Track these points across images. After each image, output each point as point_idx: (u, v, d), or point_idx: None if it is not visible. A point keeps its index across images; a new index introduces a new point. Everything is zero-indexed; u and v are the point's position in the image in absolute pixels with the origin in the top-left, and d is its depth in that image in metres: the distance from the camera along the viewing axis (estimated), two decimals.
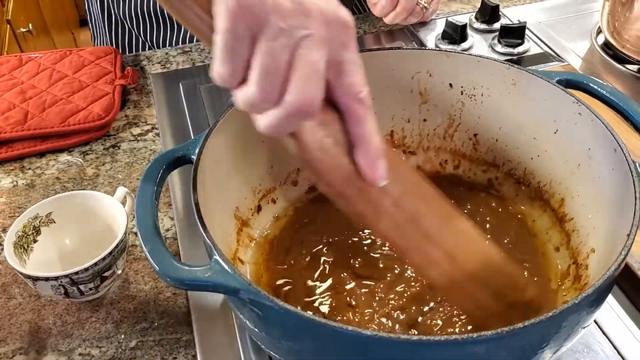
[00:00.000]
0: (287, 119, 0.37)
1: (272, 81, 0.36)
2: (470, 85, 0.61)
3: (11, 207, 0.73)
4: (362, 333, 0.38)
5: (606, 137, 0.51)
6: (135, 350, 0.57)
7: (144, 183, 0.48)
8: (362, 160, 0.41)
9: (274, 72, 0.36)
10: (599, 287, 0.41)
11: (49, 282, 0.56)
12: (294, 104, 0.36)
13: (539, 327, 0.39)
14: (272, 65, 0.36)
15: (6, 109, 0.83)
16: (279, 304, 0.40)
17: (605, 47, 0.91)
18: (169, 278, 0.42)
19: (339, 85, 0.40)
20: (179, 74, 0.91)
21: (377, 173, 0.41)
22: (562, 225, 0.58)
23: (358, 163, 0.41)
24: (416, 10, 0.93)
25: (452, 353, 0.40)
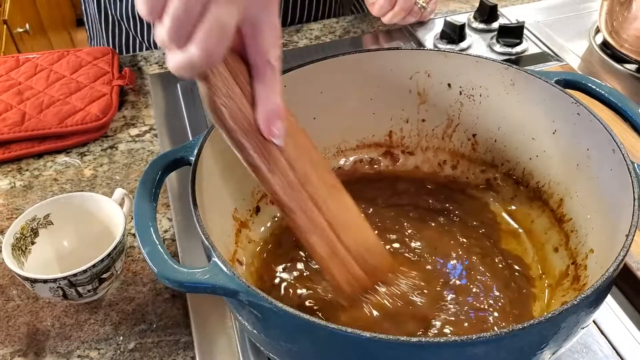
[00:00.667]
0: (188, 65, 0.40)
1: (180, 27, 0.39)
2: (468, 85, 0.61)
3: (9, 209, 0.72)
4: (361, 335, 0.38)
5: (605, 138, 0.51)
6: (134, 352, 0.57)
7: (142, 185, 0.48)
8: (260, 116, 0.45)
9: (183, 19, 0.39)
10: (598, 288, 0.41)
11: (47, 284, 0.56)
12: (194, 53, 0.39)
13: (538, 328, 0.39)
14: (183, 12, 0.39)
15: (3, 110, 0.82)
16: (278, 306, 0.39)
17: (604, 47, 0.91)
18: (168, 280, 0.42)
19: (251, 44, 0.43)
20: None
21: (273, 130, 0.45)
22: (561, 225, 0.58)
23: (257, 118, 0.45)
24: (414, 10, 0.93)
25: (451, 355, 0.40)
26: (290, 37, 0.97)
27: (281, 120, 0.45)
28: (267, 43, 0.43)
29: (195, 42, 0.39)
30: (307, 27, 1.00)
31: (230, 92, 0.44)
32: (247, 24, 0.42)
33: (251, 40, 0.43)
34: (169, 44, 0.40)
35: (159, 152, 0.78)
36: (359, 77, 0.62)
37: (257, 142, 0.45)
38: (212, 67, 0.42)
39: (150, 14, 0.40)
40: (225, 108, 0.44)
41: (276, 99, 0.45)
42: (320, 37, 0.97)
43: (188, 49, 0.39)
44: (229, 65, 0.43)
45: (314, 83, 0.61)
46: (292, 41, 0.97)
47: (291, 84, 0.59)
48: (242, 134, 0.45)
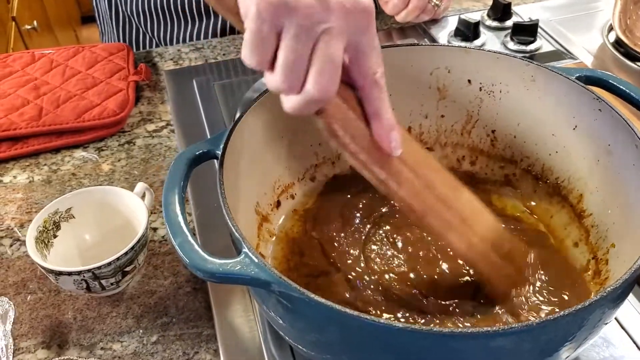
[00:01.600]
0: (306, 104, 0.42)
1: (293, 73, 0.41)
2: (489, 81, 0.62)
3: (28, 203, 0.73)
4: (393, 325, 0.38)
5: (627, 133, 0.52)
6: (156, 344, 0.58)
7: (171, 178, 0.49)
8: (377, 132, 0.46)
9: (295, 66, 0.41)
10: (627, 280, 0.41)
11: (71, 276, 0.56)
12: (311, 92, 0.41)
13: (566, 320, 0.40)
14: (293, 59, 0.41)
15: (20, 105, 0.83)
16: (310, 297, 0.40)
17: (617, 45, 0.91)
18: (200, 271, 0.42)
19: (356, 67, 0.44)
20: (192, 71, 0.91)
21: (392, 143, 0.46)
22: (581, 220, 0.58)
23: (374, 135, 0.46)
24: (428, 8, 0.94)
25: (481, 345, 0.40)
26: None
27: (397, 132, 0.46)
28: (371, 63, 0.44)
29: (311, 83, 0.41)
30: None
31: (345, 117, 0.45)
32: (350, 50, 0.43)
33: (356, 63, 0.44)
34: (286, 90, 0.42)
35: (177, 147, 0.79)
36: None
37: (379, 158, 0.47)
38: (329, 101, 0.43)
39: (260, 65, 0.42)
40: (345, 133, 0.46)
41: (389, 113, 0.46)
42: None
43: (305, 90, 0.41)
44: (338, 92, 0.44)
45: None
46: None
47: None
48: (365, 154, 0.47)
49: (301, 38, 0.40)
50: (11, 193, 0.74)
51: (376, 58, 0.45)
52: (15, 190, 0.74)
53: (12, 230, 0.70)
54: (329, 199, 0.64)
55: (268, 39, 0.40)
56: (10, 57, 0.93)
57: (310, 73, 0.41)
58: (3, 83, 0.87)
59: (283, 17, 0.40)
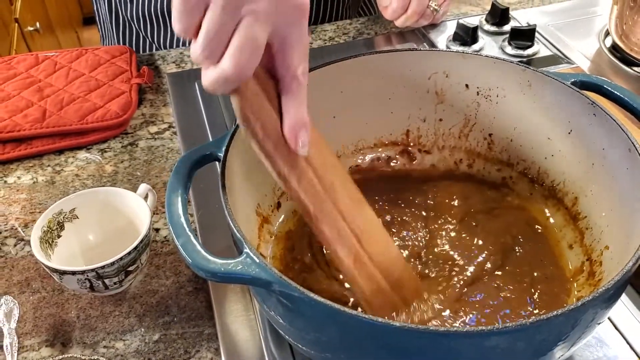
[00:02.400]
0: (222, 80, 0.42)
1: (213, 43, 0.41)
2: (486, 86, 0.63)
3: (32, 204, 0.74)
4: (391, 324, 0.40)
5: (621, 137, 0.53)
6: (158, 343, 0.59)
7: (174, 179, 0.50)
8: (287, 128, 0.46)
9: (216, 36, 0.41)
10: (618, 281, 0.42)
11: (75, 276, 0.57)
12: (226, 68, 0.41)
13: (560, 320, 0.41)
14: (215, 30, 0.41)
15: (24, 106, 0.84)
16: (309, 296, 0.41)
17: (613, 50, 0.92)
18: (202, 271, 0.43)
19: (279, 58, 0.45)
20: (194, 73, 0.92)
21: (299, 141, 0.46)
22: (576, 223, 0.60)
23: (284, 129, 0.46)
24: (427, 13, 0.95)
25: (475, 343, 0.41)
26: None
27: (306, 132, 0.47)
28: (295, 58, 0.45)
29: (228, 58, 0.41)
30: (320, 28, 1.02)
31: (261, 106, 0.46)
32: (276, 39, 0.44)
33: (280, 55, 0.45)
34: (203, 60, 0.42)
35: (179, 149, 0.80)
36: (378, 77, 0.64)
37: (285, 154, 0.47)
38: (244, 81, 0.43)
39: (185, 31, 0.42)
40: (257, 121, 0.46)
41: (302, 111, 0.46)
42: (334, 38, 0.99)
43: (221, 64, 0.41)
44: (258, 80, 0.45)
45: (335, 83, 0.63)
46: None
47: (312, 84, 0.59)
48: (272, 145, 0.47)
49: (226, 11, 0.40)
50: (15, 194, 0.75)
51: (301, 53, 0.45)
52: (19, 191, 0.75)
53: (16, 230, 0.71)
54: None
55: (195, 7, 0.41)
56: (15, 59, 0.94)
57: (229, 48, 0.41)
58: (7, 85, 0.88)
59: None
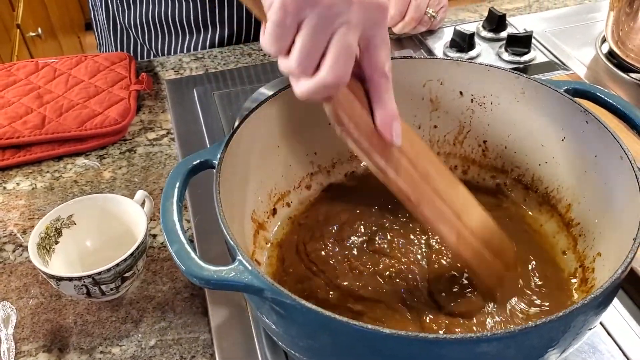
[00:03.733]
0: (317, 90, 0.44)
1: (308, 59, 0.44)
2: (480, 93, 0.63)
3: (30, 210, 0.74)
4: (381, 331, 0.40)
5: (613, 145, 0.53)
6: (154, 348, 0.59)
7: (169, 185, 0.50)
8: (380, 121, 0.49)
9: (311, 52, 0.43)
10: (607, 289, 0.42)
11: (72, 282, 0.58)
12: (324, 79, 0.44)
13: (550, 326, 0.41)
14: (311, 47, 0.43)
15: (24, 113, 0.85)
16: (300, 303, 0.41)
17: (610, 56, 0.93)
18: (195, 278, 0.44)
19: (366, 58, 0.47)
20: (192, 80, 0.93)
21: (393, 132, 0.49)
22: (569, 229, 0.60)
23: (377, 124, 0.49)
24: (424, 20, 0.96)
25: (465, 350, 0.42)
26: None
27: (398, 122, 0.49)
28: (383, 57, 0.47)
29: (326, 68, 0.43)
30: None
31: (351, 106, 0.48)
32: (363, 42, 0.46)
33: (367, 55, 0.47)
34: (298, 74, 0.44)
35: (177, 156, 0.80)
36: None
37: (380, 147, 0.50)
38: (340, 89, 0.46)
39: (278, 53, 0.44)
40: (350, 120, 0.48)
41: (393, 105, 0.49)
42: None
43: (320, 75, 0.44)
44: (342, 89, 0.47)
45: None
46: None
47: None
48: (367, 141, 0.49)
49: (321, 28, 0.43)
50: (14, 200, 0.76)
51: (387, 52, 0.47)
52: (18, 197, 0.76)
53: (15, 236, 0.71)
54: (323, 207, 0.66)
55: (289, 29, 0.43)
56: (15, 66, 0.95)
57: (326, 59, 0.43)
58: (7, 92, 0.89)
59: (306, 10, 0.42)
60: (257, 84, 0.90)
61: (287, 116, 0.62)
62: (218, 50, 0.99)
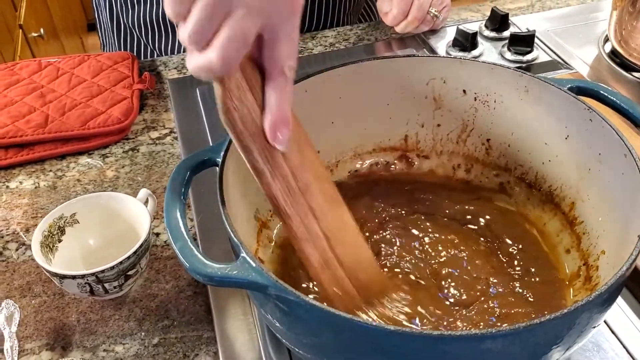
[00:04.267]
0: (203, 69, 0.42)
1: (200, 33, 0.41)
2: (483, 91, 0.63)
3: (33, 208, 0.74)
4: (385, 328, 0.40)
5: (617, 143, 0.53)
6: (157, 347, 0.59)
7: (172, 184, 0.50)
8: (267, 122, 0.46)
9: (205, 23, 0.41)
10: (612, 286, 0.42)
11: (75, 280, 0.58)
12: (210, 59, 0.41)
13: (554, 323, 0.41)
14: (204, 20, 0.41)
15: (27, 112, 0.85)
16: (304, 300, 0.41)
17: (613, 55, 0.93)
18: (199, 275, 0.44)
19: (267, 52, 0.45)
20: (195, 80, 0.92)
21: (278, 137, 0.46)
22: (573, 228, 0.60)
23: (264, 123, 0.46)
24: (427, 19, 0.96)
25: (470, 347, 0.42)
26: (306, 44, 1.00)
27: (287, 128, 0.46)
28: (283, 53, 0.45)
29: (215, 48, 0.41)
30: (321, 34, 1.02)
31: (242, 97, 0.45)
32: (267, 32, 0.44)
33: (268, 49, 0.45)
34: (189, 45, 0.42)
35: (180, 154, 0.80)
36: (376, 83, 0.64)
37: (263, 147, 0.47)
38: (229, 72, 0.43)
39: (175, 15, 0.42)
40: (237, 111, 0.45)
41: (285, 107, 0.46)
42: (335, 44, 1.00)
43: (207, 53, 0.41)
44: (244, 71, 0.45)
45: (334, 88, 0.63)
46: (307, 48, 0.99)
47: (311, 89, 0.61)
48: (249, 137, 0.46)
49: (217, 3, 0.40)
50: (17, 198, 0.76)
51: (290, 49, 0.45)
52: (21, 196, 0.76)
53: (18, 234, 0.71)
54: None
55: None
56: (18, 65, 0.95)
57: (216, 38, 0.41)
58: (10, 91, 0.89)
59: None
60: None
61: None
62: None
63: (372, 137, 0.68)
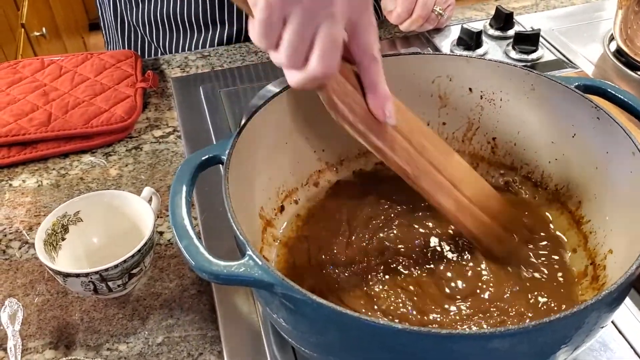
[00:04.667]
0: (308, 82, 0.46)
1: (297, 54, 0.45)
2: (489, 89, 0.63)
3: (36, 207, 0.74)
4: (393, 326, 0.39)
5: (624, 141, 0.53)
6: (161, 346, 0.59)
7: (178, 181, 0.50)
8: (372, 102, 0.51)
9: (298, 47, 0.45)
10: (621, 285, 0.42)
11: (79, 278, 0.58)
12: (313, 71, 0.45)
13: (562, 323, 0.41)
14: (297, 41, 0.44)
15: (30, 110, 0.84)
16: (311, 298, 0.41)
17: (618, 54, 0.92)
18: (205, 273, 0.43)
19: (354, 43, 0.48)
20: (199, 78, 0.92)
21: (386, 113, 0.51)
22: (580, 227, 0.59)
23: (370, 105, 0.51)
24: (431, 17, 0.95)
25: (478, 346, 0.41)
26: None
27: (391, 102, 0.51)
28: (370, 40, 0.48)
29: (314, 61, 0.45)
30: None
31: (344, 90, 0.50)
32: (350, 28, 0.47)
33: (354, 40, 0.48)
34: (288, 67, 0.46)
35: (183, 153, 0.80)
36: None
37: (376, 128, 0.52)
38: (330, 79, 0.47)
39: (267, 47, 0.46)
40: (344, 105, 0.50)
41: (383, 86, 0.50)
42: None
43: (308, 68, 0.45)
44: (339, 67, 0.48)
45: None
46: None
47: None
48: (362, 123, 0.51)
49: (306, 23, 0.44)
50: (20, 197, 0.75)
51: (374, 35, 0.48)
52: (24, 194, 0.76)
53: (21, 233, 0.71)
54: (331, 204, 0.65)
55: (276, 25, 0.44)
56: (20, 63, 0.94)
57: (314, 53, 0.44)
58: (13, 89, 0.88)
59: (291, 6, 0.43)
60: (263, 81, 0.89)
61: (295, 113, 0.61)
62: (224, 49, 0.99)
63: None
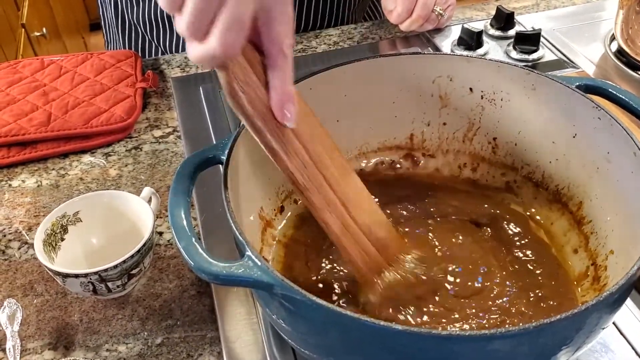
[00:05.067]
0: (208, 57, 0.42)
1: (198, 21, 0.41)
2: (490, 89, 0.63)
3: (36, 207, 0.74)
4: (392, 327, 0.39)
5: (626, 141, 0.53)
6: (161, 347, 0.59)
7: (177, 182, 0.50)
8: (273, 99, 0.47)
9: (201, 13, 0.41)
10: (623, 285, 0.42)
11: (78, 279, 0.57)
12: (212, 48, 0.42)
13: (563, 324, 0.41)
14: (199, 10, 0.41)
15: (29, 110, 0.84)
16: (311, 299, 0.41)
17: (619, 54, 0.92)
18: (204, 273, 0.43)
19: (265, 33, 0.45)
20: (199, 78, 0.92)
21: (286, 114, 0.48)
22: (580, 227, 0.59)
23: (271, 103, 0.47)
24: (432, 17, 0.95)
25: (478, 347, 0.41)
26: (309, 43, 0.99)
27: (293, 104, 0.48)
28: (280, 32, 0.45)
29: (215, 36, 0.41)
30: (325, 32, 1.02)
31: (247, 79, 0.46)
32: (261, 14, 0.44)
33: (265, 29, 0.45)
34: (188, 36, 0.42)
35: (183, 153, 0.80)
36: (382, 81, 0.64)
37: (273, 126, 0.48)
38: (231, 58, 0.44)
39: (170, 7, 0.42)
40: (244, 94, 0.46)
41: (288, 85, 0.47)
42: (339, 43, 0.99)
43: (208, 42, 0.42)
44: (245, 54, 0.45)
45: (338, 86, 0.63)
46: (311, 46, 0.98)
47: (316, 87, 0.60)
48: (259, 118, 0.47)
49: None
50: (20, 197, 0.75)
51: (287, 27, 0.45)
52: (23, 195, 0.76)
53: (20, 233, 0.71)
54: None
55: None
56: (20, 63, 0.94)
57: (215, 27, 0.41)
58: (13, 89, 0.88)
59: None
60: None
61: None
62: None
63: (377, 135, 0.68)
